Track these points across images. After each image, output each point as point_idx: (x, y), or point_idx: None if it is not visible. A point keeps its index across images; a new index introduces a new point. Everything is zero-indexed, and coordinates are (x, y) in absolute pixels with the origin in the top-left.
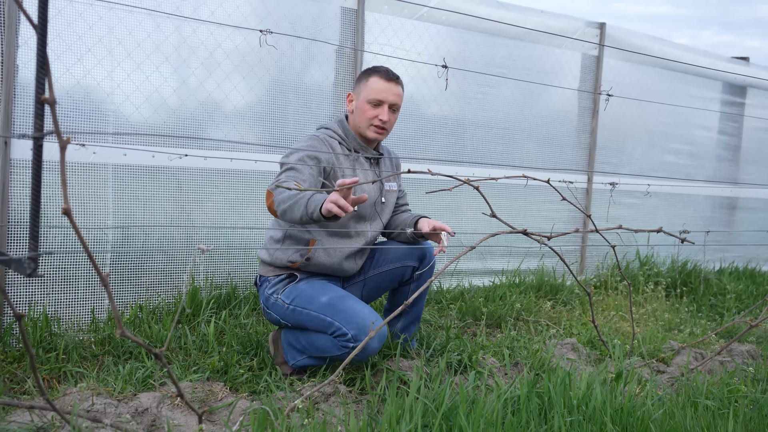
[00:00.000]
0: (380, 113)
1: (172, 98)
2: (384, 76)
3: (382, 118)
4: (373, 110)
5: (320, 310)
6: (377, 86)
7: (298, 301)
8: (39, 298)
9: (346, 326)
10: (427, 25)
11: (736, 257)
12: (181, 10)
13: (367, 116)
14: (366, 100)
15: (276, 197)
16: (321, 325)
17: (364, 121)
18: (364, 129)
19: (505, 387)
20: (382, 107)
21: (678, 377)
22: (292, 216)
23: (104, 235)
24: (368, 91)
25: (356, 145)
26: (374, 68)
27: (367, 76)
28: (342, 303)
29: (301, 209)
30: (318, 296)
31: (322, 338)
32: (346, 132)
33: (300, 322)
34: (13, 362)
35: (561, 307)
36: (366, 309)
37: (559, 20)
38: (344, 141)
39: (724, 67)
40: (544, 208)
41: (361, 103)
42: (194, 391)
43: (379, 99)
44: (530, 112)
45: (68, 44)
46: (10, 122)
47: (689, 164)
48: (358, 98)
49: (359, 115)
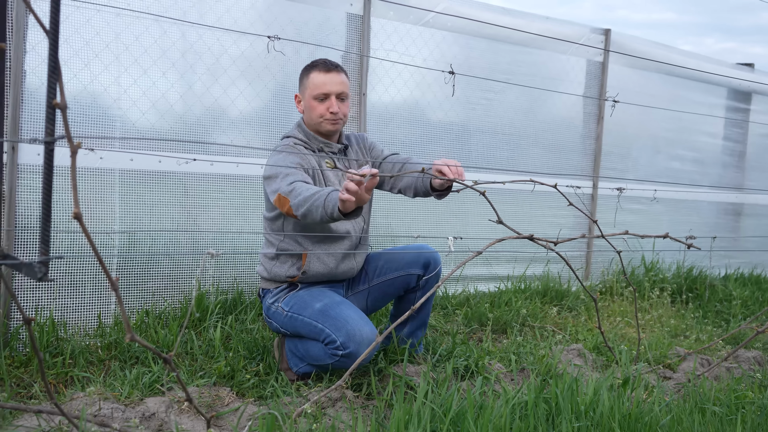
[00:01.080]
0: (329, 105)
1: (178, 104)
2: (323, 68)
3: (333, 110)
4: (321, 105)
5: (313, 316)
6: (318, 80)
7: (295, 308)
8: (46, 302)
9: (335, 333)
10: (432, 31)
11: (741, 263)
12: (188, 16)
13: (317, 113)
14: (312, 96)
15: (293, 201)
16: (313, 332)
17: (316, 118)
18: (318, 125)
19: (513, 392)
20: (330, 99)
21: (685, 383)
22: (312, 218)
23: (111, 239)
24: (311, 87)
25: (319, 143)
26: (312, 63)
27: (307, 73)
28: (334, 310)
29: (320, 210)
30: (313, 303)
31: (315, 346)
32: (307, 135)
33: (296, 328)
34: (20, 367)
35: (567, 312)
36: (357, 315)
37: (564, 26)
38: (307, 144)
39: (729, 73)
40: (550, 214)
41: (308, 101)
42: (201, 396)
43: (324, 92)
44: (535, 117)
45: (75, 50)
46: (17, 127)
47: (694, 170)
48: (304, 97)
49: (309, 113)
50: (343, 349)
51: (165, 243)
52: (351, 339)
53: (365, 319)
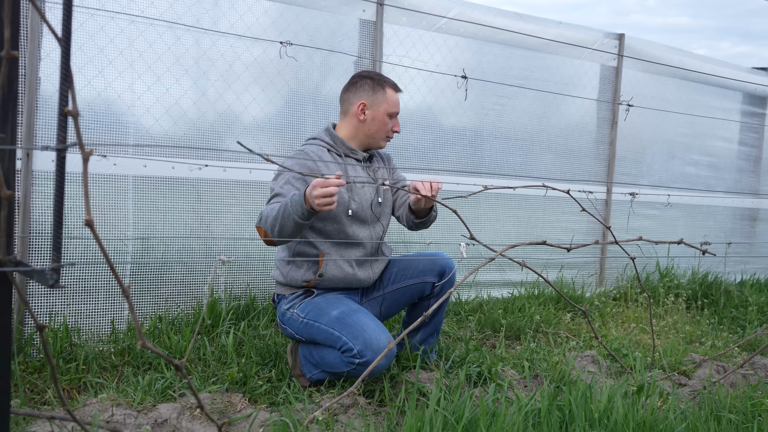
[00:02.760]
0: (395, 124)
1: (191, 110)
2: (396, 88)
3: (397, 129)
4: (390, 122)
5: (330, 324)
6: (395, 98)
7: (311, 315)
8: (59, 308)
9: (352, 341)
10: (445, 37)
11: (757, 269)
12: (201, 23)
13: (387, 128)
14: (387, 112)
15: (265, 228)
16: (330, 340)
17: (382, 132)
18: (378, 139)
19: (526, 400)
20: (396, 118)
21: (700, 390)
22: (286, 229)
23: (124, 245)
24: (389, 103)
25: (346, 149)
26: (384, 79)
27: (382, 87)
28: (351, 317)
29: (291, 216)
30: (330, 310)
31: (331, 353)
32: (335, 139)
33: (312, 335)
34: (34, 372)
35: (580, 319)
36: (374, 324)
37: (578, 31)
38: (333, 148)
39: (745, 78)
40: (563, 219)
41: (381, 115)
42: (213, 402)
43: (397, 111)
44: (548, 123)
45: (90, 57)
46: (32, 134)
47: (709, 175)
48: (377, 109)
49: (377, 126)
50: (360, 357)
51: (178, 249)
52: (368, 347)
53: (382, 327)
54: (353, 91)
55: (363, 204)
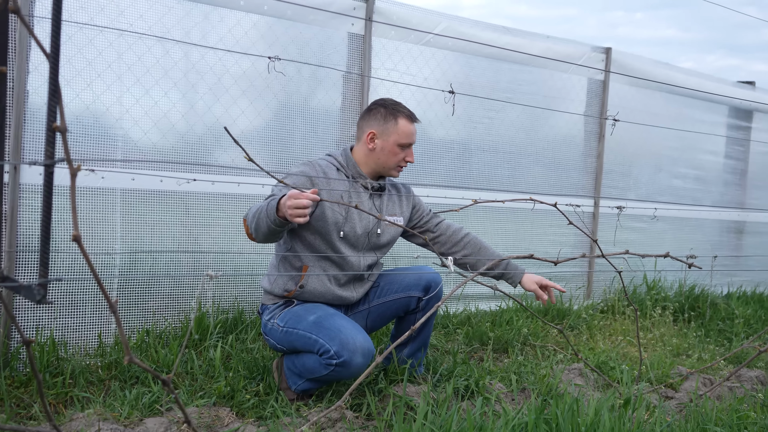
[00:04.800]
0: (408, 155)
1: (180, 123)
2: (410, 118)
3: (411, 160)
4: (402, 152)
5: (307, 328)
6: (408, 129)
7: (290, 323)
8: (47, 322)
9: (329, 343)
10: (433, 51)
11: (744, 281)
12: (190, 37)
13: (396, 159)
14: (397, 143)
15: (248, 220)
16: (308, 344)
17: (392, 163)
18: (389, 169)
19: (513, 413)
20: (410, 149)
21: (687, 403)
22: (261, 229)
23: (112, 259)
24: (400, 134)
25: (355, 172)
26: (398, 109)
27: (394, 117)
28: (327, 321)
29: (265, 220)
30: (307, 315)
31: (310, 358)
32: (348, 160)
33: (291, 343)
34: (20, 387)
35: (568, 331)
36: (350, 325)
37: (565, 45)
38: (343, 168)
39: (730, 92)
40: (551, 233)
41: (391, 146)
42: (201, 416)
43: (410, 142)
44: (536, 136)
45: (78, 70)
46: (20, 148)
47: (696, 188)
48: (387, 139)
49: (387, 156)
50: (337, 358)
51: (166, 263)
52: (344, 347)
53: (358, 328)
54: (366, 118)
55: (357, 230)
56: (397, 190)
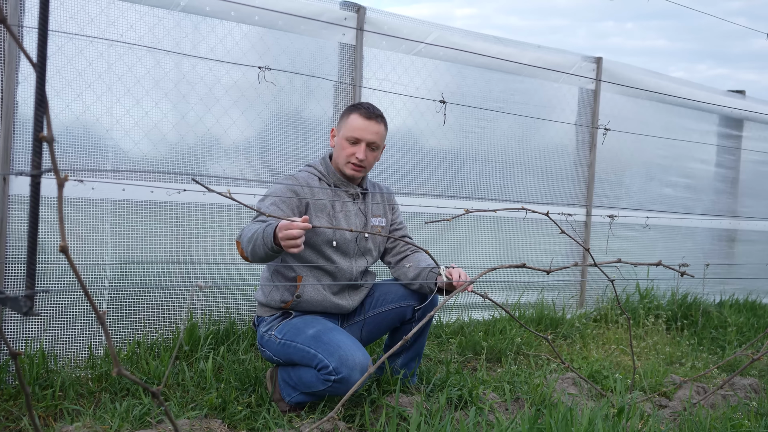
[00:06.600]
0: (357, 151)
1: (171, 133)
2: (364, 114)
3: (359, 156)
4: (350, 148)
5: (306, 342)
6: (355, 124)
7: (288, 335)
8: (36, 334)
9: (327, 358)
10: (425, 60)
11: (736, 289)
12: (181, 47)
13: (344, 153)
14: (344, 137)
15: (243, 245)
16: (306, 358)
17: (342, 158)
18: (342, 165)
19: (506, 423)
20: (359, 145)
21: (680, 412)
22: (257, 254)
23: (102, 270)
24: (347, 128)
25: (336, 180)
26: (357, 105)
27: (348, 113)
28: (327, 335)
29: (262, 246)
30: (306, 329)
31: (308, 372)
32: (327, 169)
33: (289, 355)
34: (9, 400)
35: (561, 340)
36: (350, 341)
37: (557, 55)
38: (324, 177)
39: (721, 101)
40: (543, 242)
41: (340, 140)
42: (192, 428)
43: (356, 137)
44: (528, 145)
45: (68, 80)
46: (9, 158)
47: (687, 197)
48: (339, 134)
49: (338, 151)
50: (335, 374)
51: (157, 273)
52: (343, 364)
53: (358, 344)
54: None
55: (347, 235)
56: (379, 189)
